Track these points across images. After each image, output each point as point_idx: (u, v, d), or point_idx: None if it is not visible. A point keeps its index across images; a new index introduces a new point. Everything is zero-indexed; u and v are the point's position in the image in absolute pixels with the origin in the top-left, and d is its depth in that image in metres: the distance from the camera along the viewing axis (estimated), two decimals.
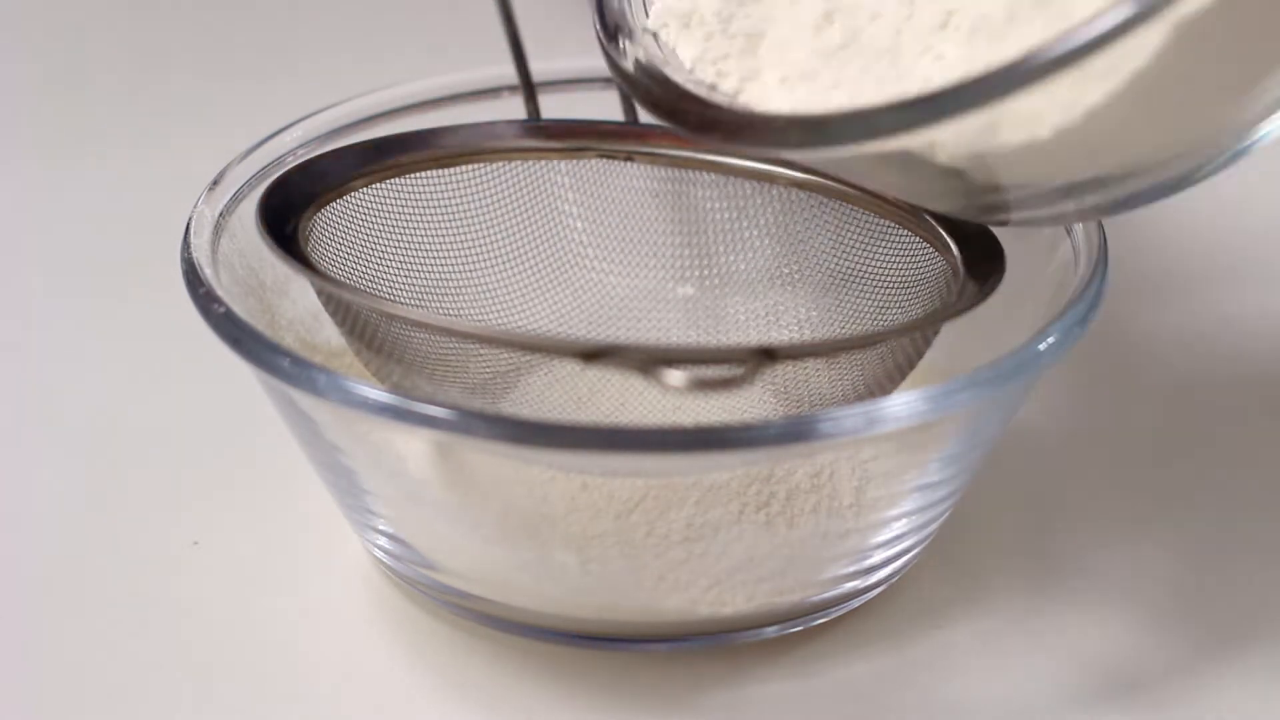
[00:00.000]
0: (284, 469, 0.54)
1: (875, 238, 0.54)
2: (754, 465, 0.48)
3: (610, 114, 0.56)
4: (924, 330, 0.49)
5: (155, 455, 0.57)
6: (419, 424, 0.44)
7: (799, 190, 0.55)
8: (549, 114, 0.57)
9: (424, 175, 0.54)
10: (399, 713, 0.48)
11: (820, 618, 0.50)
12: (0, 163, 0.74)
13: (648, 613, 0.48)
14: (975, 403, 0.45)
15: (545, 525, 0.47)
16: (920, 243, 0.52)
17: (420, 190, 0.54)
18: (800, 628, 0.50)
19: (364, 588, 0.52)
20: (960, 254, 0.51)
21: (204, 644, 0.50)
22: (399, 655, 0.50)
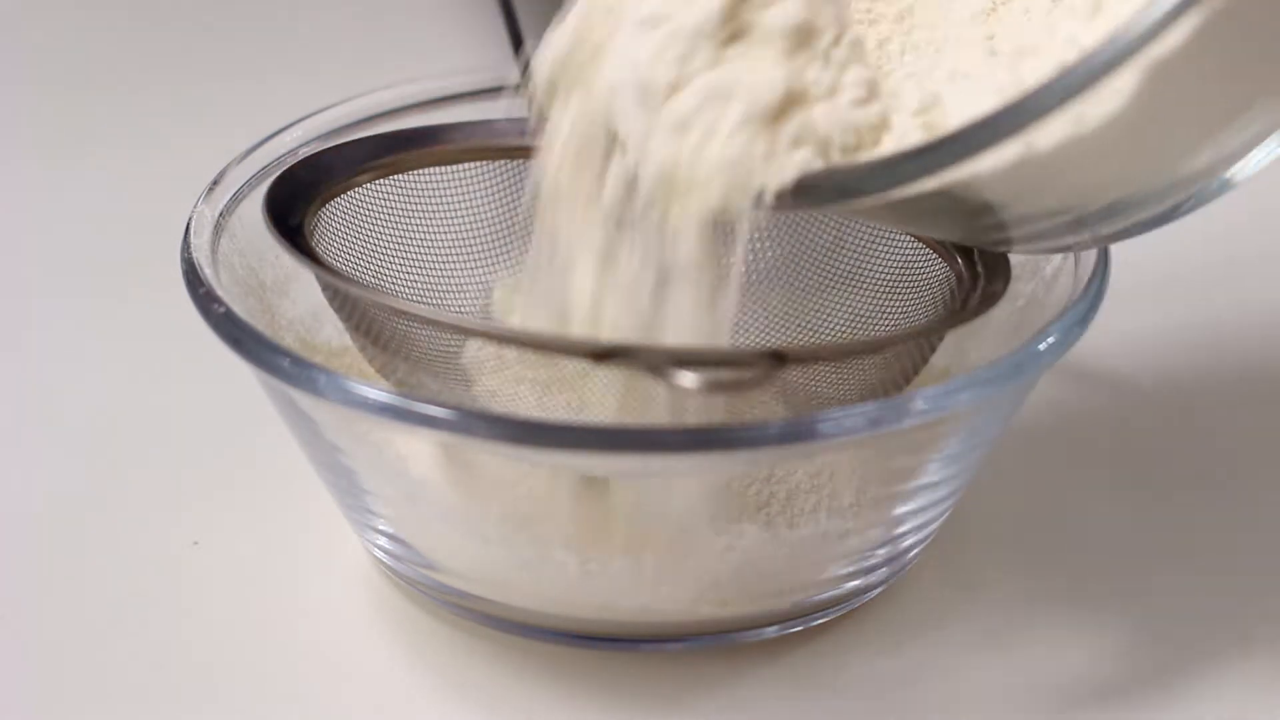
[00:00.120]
0: (284, 469, 0.54)
1: (878, 240, 0.54)
2: (754, 465, 0.48)
3: None
4: (933, 335, 0.49)
5: (155, 455, 0.57)
6: (419, 424, 0.44)
7: None
8: None
9: (429, 171, 0.54)
10: (399, 713, 0.48)
11: (820, 618, 0.50)
12: (0, 163, 0.74)
13: (647, 613, 0.48)
14: (975, 403, 0.45)
15: (545, 525, 0.47)
16: (922, 247, 0.52)
17: (426, 186, 0.54)
18: (800, 628, 0.50)
19: (364, 588, 0.52)
20: (964, 259, 0.51)
21: (204, 644, 0.50)
22: (399, 655, 0.50)
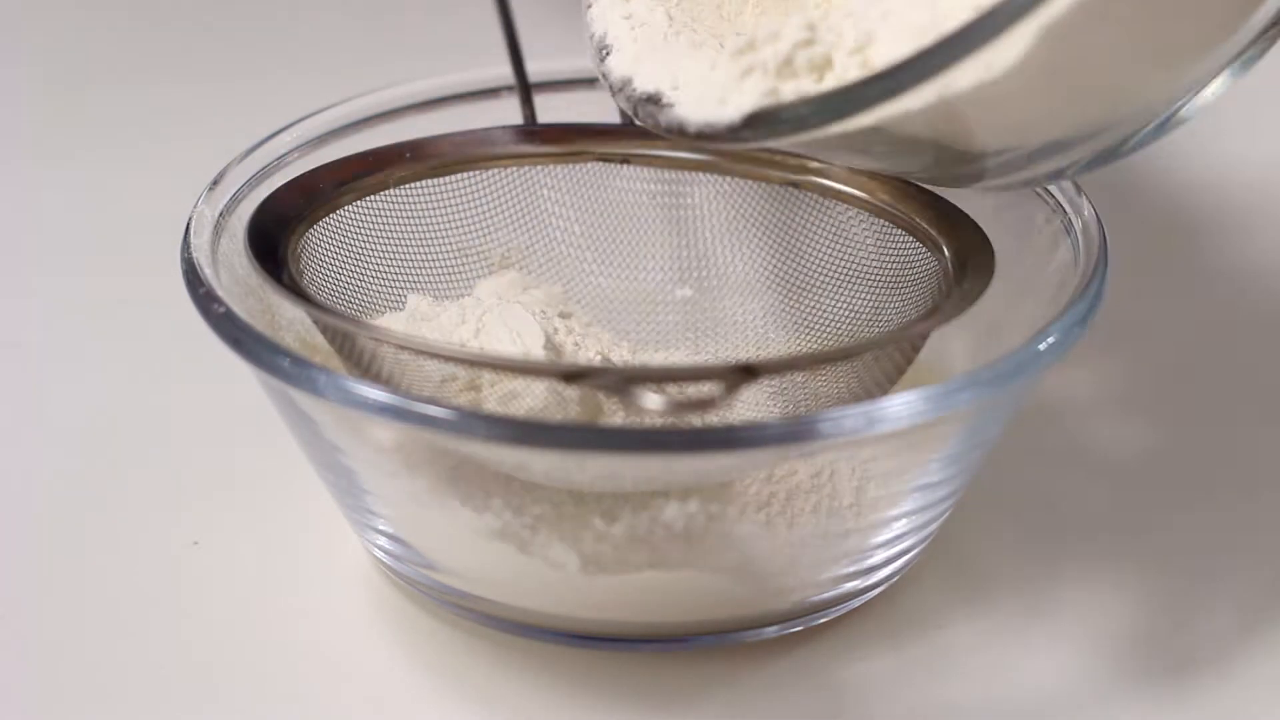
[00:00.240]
0: (284, 469, 0.54)
1: (870, 237, 0.54)
2: (754, 465, 0.48)
3: (608, 115, 0.56)
4: (905, 341, 0.49)
5: (155, 455, 0.57)
6: (419, 424, 0.44)
7: (795, 190, 0.55)
8: (546, 115, 0.57)
9: (418, 185, 0.54)
10: (399, 713, 0.48)
11: (820, 618, 0.50)
12: (0, 163, 0.74)
13: (647, 612, 0.48)
14: (975, 403, 0.45)
15: (545, 525, 0.47)
16: (914, 242, 0.52)
17: (415, 200, 0.54)
18: (800, 628, 0.50)
19: (364, 588, 0.52)
20: (951, 256, 0.51)
21: (204, 644, 0.50)
22: (399, 655, 0.50)
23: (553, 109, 0.57)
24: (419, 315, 0.51)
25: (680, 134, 0.47)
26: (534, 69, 0.57)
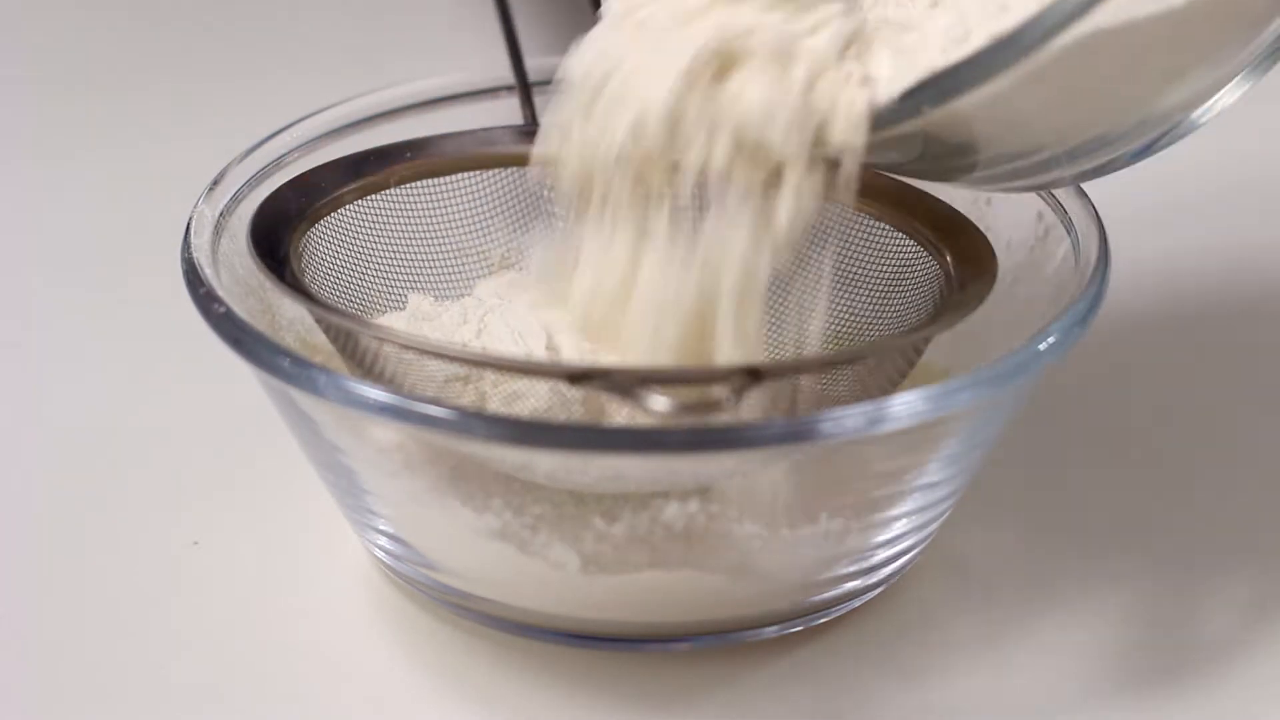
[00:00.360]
0: (284, 469, 0.54)
1: (872, 241, 0.54)
2: (754, 465, 0.48)
3: None
4: (909, 345, 0.49)
5: (155, 455, 0.57)
6: (419, 424, 0.44)
7: None
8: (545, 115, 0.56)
9: (419, 185, 0.54)
10: (399, 713, 0.48)
11: (820, 618, 0.50)
12: (0, 163, 0.74)
13: (647, 612, 0.48)
14: (975, 403, 0.45)
15: (545, 525, 0.47)
16: (913, 245, 0.52)
17: (416, 200, 0.54)
18: (800, 628, 0.50)
19: (364, 588, 0.52)
20: (952, 260, 0.51)
21: (204, 644, 0.50)
22: (399, 655, 0.50)
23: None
24: (420, 315, 0.51)
25: None
26: (534, 69, 0.57)
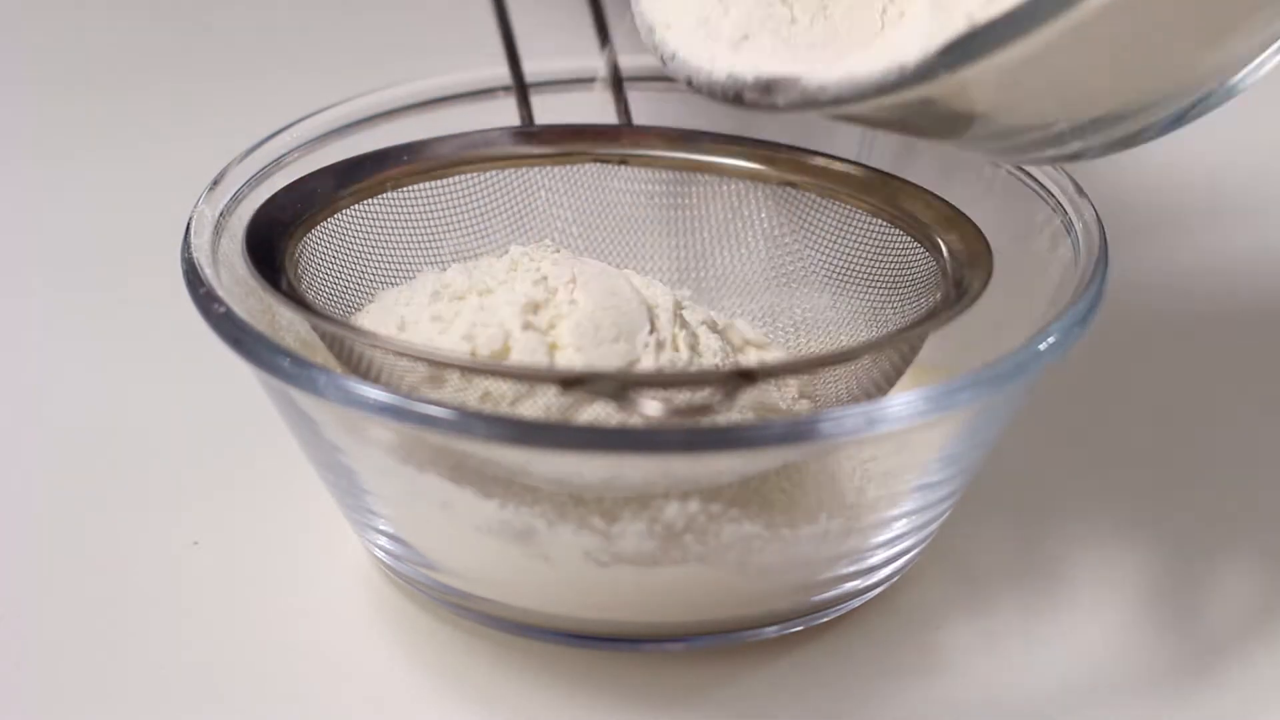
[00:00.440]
0: (284, 469, 0.54)
1: (868, 237, 0.54)
2: (755, 465, 0.48)
3: (604, 116, 0.56)
4: (904, 343, 0.49)
5: (155, 455, 0.57)
6: (419, 424, 0.44)
7: (792, 189, 0.55)
8: (543, 116, 0.57)
9: (416, 188, 0.54)
10: (399, 712, 0.48)
11: (820, 618, 0.50)
12: (0, 163, 0.74)
13: (648, 612, 0.48)
14: (975, 403, 0.45)
15: (545, 524, 0.47)
16: (911, 243, 0.52)
17: (413, 203, 0.54)
18: (800, 628, 0.50)
19: (364, 588, 0.52)
20: (950, 256, 0.51)
21: (204, 644, 0.50)
22: (399, 655, 0.50)
23: (550, 110, 0.57)
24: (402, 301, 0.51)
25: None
26: (531, 69, 0.57)
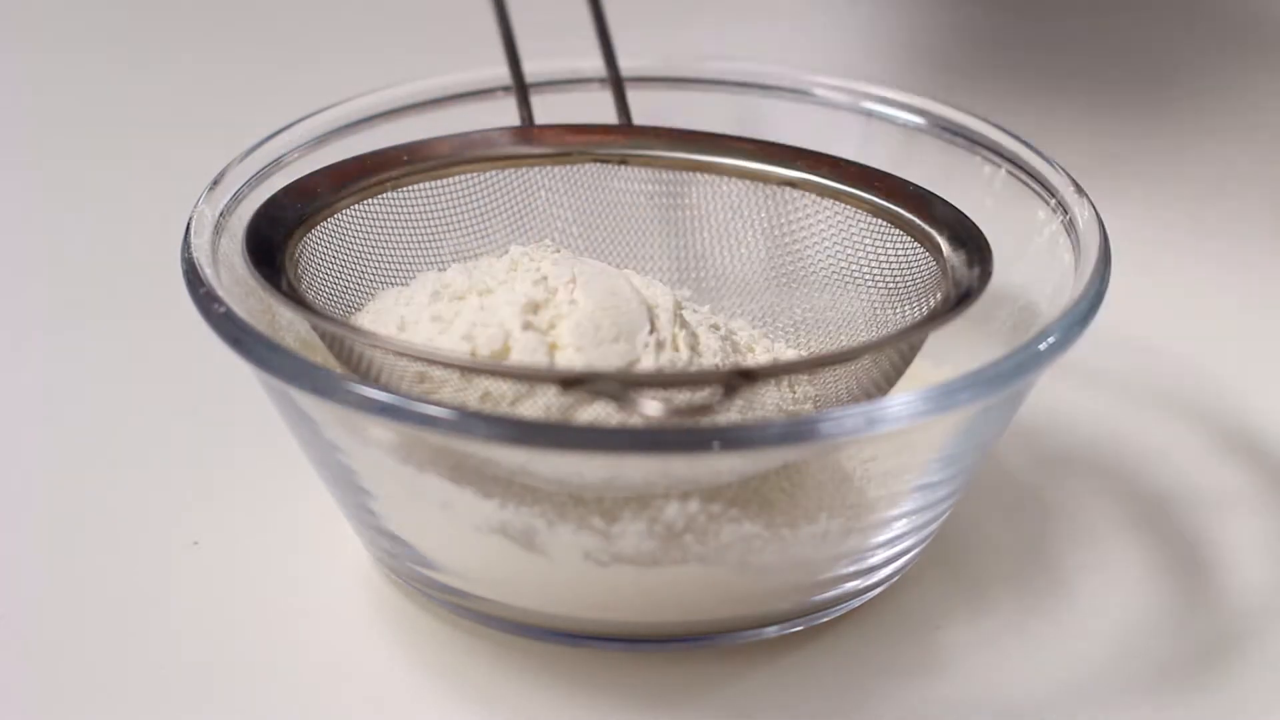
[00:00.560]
0: (284, 469, 0.54)
1: (868, 238, 0.54)
2: (755, 465, 0.48)
3: (604, 116, 0.56)
4: (904, 343, 0.49)
5: (155, 455, 0.57)
6: (419, 424, 0.44)
7: (791, 190, 0.55)
8: (543, 116, 0.57)
9: (415, 188, 0.54)
10: (399, 712, 0.48)
11: (820, 618, 0.50)
12: (0, 163, 0.74)
13: (647, 612, 0.48)
14: (975, 402, 0.45)
15: (545, 525, 0.47)
16: (911, 243, 0.52)
17: (412, 203, 0.54)
18: (800, 628, 0.50)
19: (364, 588, 0.52)
20: (949, 256, 0.51)
21: (204, 644, 0.50)
22: (399, 655, 0.50)
23: (550, 110, 0.57)
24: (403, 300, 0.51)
25: None
26: (531, 70, 0.57)
